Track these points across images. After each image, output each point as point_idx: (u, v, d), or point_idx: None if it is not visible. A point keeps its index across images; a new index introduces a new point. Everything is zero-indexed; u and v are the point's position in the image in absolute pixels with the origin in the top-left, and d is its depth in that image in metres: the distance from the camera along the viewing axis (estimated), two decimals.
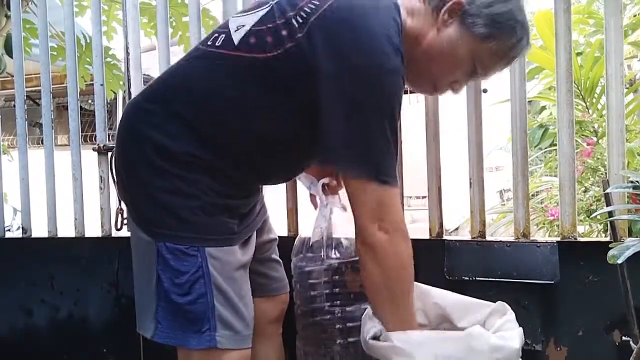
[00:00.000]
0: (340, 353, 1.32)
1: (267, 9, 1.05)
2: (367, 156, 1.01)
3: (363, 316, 1.19)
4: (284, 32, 1.01)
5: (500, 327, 1.09)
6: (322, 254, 1.33)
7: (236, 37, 1.05)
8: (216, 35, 1.09)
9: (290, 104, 1.04)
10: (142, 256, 1.09)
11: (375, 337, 1.11)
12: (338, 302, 1.32)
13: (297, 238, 1.42)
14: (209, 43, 1.09)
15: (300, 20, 1.00)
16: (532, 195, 2.83)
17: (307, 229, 1.43)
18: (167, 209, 1.05)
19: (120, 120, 1.15)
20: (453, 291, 1.26)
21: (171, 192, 1.05)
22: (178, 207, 1.05)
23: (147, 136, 1.07)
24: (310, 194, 1.43)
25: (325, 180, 1.34)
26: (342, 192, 1.34)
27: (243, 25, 1.06)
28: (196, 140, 1.05)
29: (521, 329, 1.09)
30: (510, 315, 1.13)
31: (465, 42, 1.05)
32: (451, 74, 1.12)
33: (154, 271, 1.04)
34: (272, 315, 1.34)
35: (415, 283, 1.27)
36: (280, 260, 1.39)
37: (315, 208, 1.40)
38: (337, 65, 0.98)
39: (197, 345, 1.04)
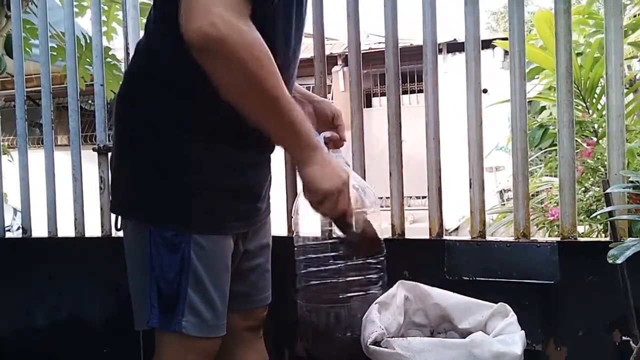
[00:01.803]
0: (344, 307, 1.31)
1: None
2: None
3: (364, 319, 1.18)
4: None
5: (502, 330, 1.09)
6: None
7: None
8: None
9: None
10: (136, 246, 1.08)
11: (376, 342, 1.10)
12: (340, 258, 1.31)
13: (296, 198, 1.41)
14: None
15: None
16: (532, 195, 2.84)
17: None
18: (156, 193, 1.04)
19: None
20: (453, 291, 1.26)
21: (162, 173, 1.03)
22: (167, 190, 1.03)
23: (127, 112, 1.07)
24: None
25: (327, 134, 1.31)
26: (344, 147, 1.35)
27: None
28: (168, 95, 1.03)
29: (523, 331, 1.09)
30: (512, 317, 1.13)
31: None
32: None
33: (147, 257, 1.04)
34: (251, 324, 1.29)
35: (416, 283, 1.27)
36: (269, 270, 1.31)
37: None
38: None
39: (164, 328, 1.04)
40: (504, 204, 4.85)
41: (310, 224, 1.38)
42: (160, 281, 1.04)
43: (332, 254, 1.32)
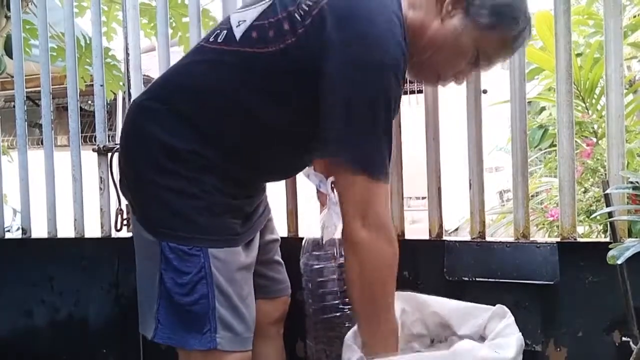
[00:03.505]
0: None
1: (269, 3, 1.05)
2: (356, 147, 0.99)
3: (345, 340, 1.17)
4: (285, 26, 1.01)
5: (499, 333, 1.08)
6: (335, 251, 1.33)
7: (238, 33, 1.05)
8: (218, 31, 1.10)
9: (291, 97, 1.04)
10: (145, 255, 1.09)
11: None
12: (348, 300, 1.31)
13: (305, 238, 1.42)
14: (210, 40, 1.10)
15: (302, 13, 1.00)
16: (532, 195, 2.83)
17: (309, 228, 1.43)
18: (171, 209, 1.05)
19: (125, 120, 1.16)
20: (453, 292, 1.26)
21: (175, 191, 1.05)
22: (182, 207, 1.05)
23: (152, 135, 1.07)
24: (318, 192, 1.43)
25: (332, 178, 1.34)
26: None
27: (244, 20, 1.06)
28: (200, 138, 1.06)
29: (520, 334, 1.08)
30: (509, 319, 1.12)
31: (469, 32, 1.05)
32: (455, 65, 1.12)
33: (157, 270, 1.05)
34: (273, 316, 1.34)
35: (413, 293, 1.26)
36: (282, 262, 1.39)
37: (323, 205, 1.40)
38: (335, 57, 0.98)
39: (198, 346, 1.04)
40: (504, 205, 4.84)
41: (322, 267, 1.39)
42: (175, 297, 1.04)
43: (341, 300, 1.33)
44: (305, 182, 1.50)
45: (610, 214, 1.29)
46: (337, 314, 1.32)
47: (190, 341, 1.04)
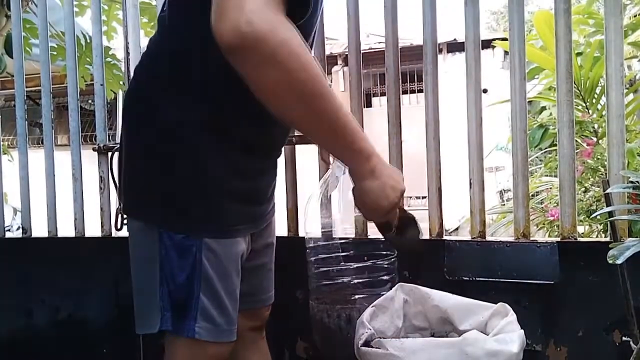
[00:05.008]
0: (355, 308, 1.31)
1: None
2: None
3: (357, 322, 1.18)
4: None
5: (501, 329, 1.08)
6: (338, 205, 1.33)
7: None
8: None
9: None
10: (144, 247, 1.07)
11: (367, 343, 1.09)
12: (352, 260, 1.32)
13: (307, 200, 1.42)
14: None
15: None
16: (532, 195, 2.84)
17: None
18: (168, 195, 1.03)
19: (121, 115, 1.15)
20: (453, 291, 1.26)
21: (173, 174, 1.02)
22: (179, 193, 1.03)
23: (143, 111, 1.06)
24: (320, 150, 1.50)
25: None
26: None
27: None
28: (187, 100, 1.01)
29: (522, 330, 1.08)
30: (512, 316, 1.12)
31: None
32: None
33: (156, 258, 1.03)
34: (255, 324, 1.30)
35: (415, 285, 1.27)
36: (273, 270, 1.32)
37: (326, 163, 1.46)
38: None
39: (177, 333, 1.04)
40: (504, 204, 4.85)
41: (321, 224, 1.38)
42: (170, 285, 1.03)
43: (343, 254, 1.32)
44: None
45: (610, 214, 1.30)
46: (341, 274, 1.32)
47: (175, 327, 1.03)
